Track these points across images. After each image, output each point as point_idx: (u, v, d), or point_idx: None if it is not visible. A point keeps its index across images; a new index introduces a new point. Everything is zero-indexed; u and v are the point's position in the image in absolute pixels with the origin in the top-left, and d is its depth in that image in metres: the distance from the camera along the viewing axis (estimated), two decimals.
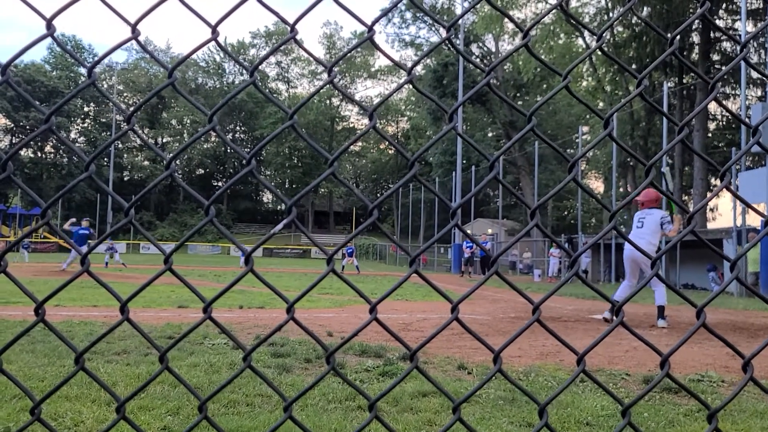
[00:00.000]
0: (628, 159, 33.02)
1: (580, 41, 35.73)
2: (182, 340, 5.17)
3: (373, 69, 74.74)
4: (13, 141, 61.99)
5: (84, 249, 18.88)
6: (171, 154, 0.95)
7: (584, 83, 36.31)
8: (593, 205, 50.81)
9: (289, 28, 0.95)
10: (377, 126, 0.98)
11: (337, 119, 76.54)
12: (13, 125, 61.74)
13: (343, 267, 28.66)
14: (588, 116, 40.68)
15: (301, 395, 1.07)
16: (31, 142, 61.96)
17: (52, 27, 0.88)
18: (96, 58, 1.07)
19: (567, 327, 9.20)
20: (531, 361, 6.15)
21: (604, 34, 0.99)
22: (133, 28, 0.87)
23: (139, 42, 0.88)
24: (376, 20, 0.94)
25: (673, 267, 22.18)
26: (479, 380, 5.22)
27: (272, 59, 75.52)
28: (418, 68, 60.15)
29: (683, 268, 22.05)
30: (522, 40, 0.98)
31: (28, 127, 59.55)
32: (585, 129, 37.69)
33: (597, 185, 56.80)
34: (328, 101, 74.54)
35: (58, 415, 3.86)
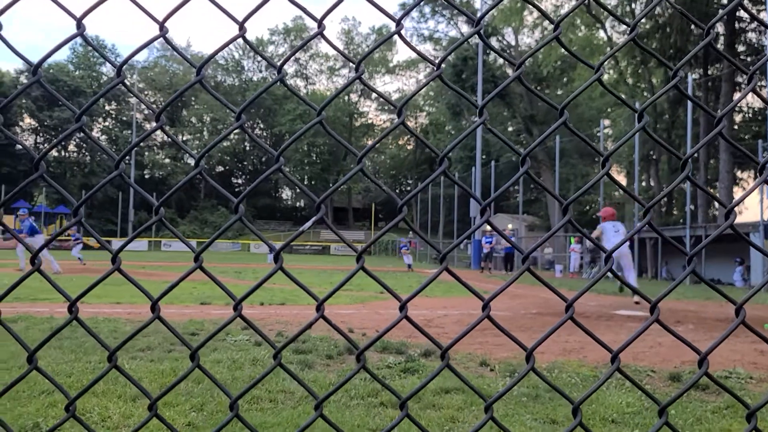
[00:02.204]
0: (651, 153, 32.59)
1: (601, 33, 35.30)
2: (174, 332, 5.20)
3: (391, 64, 74.70)
4: (38, 140, 63.03)
5: (37, 240, 16.07)
6: (198, 153, 0.94)
7: (605, 76, 35.89)
8: (615, 200, 50.26)
9: (316, 24, 0.94)
10: (405, 122, 0.96)
11: (355, 115, 76.61)
12: (37, 125, 62.73)
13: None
14: (609, 110, 40.17)
15: (332, 393, 1.06)
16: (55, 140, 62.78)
17: (82, 26, 0.87)
18: (119, 58, 1.07)
19: (590, 323, 9.11)
20: (553, 358, 6.10)
21: (637, 26, 0.97)
22: (161, 25, 0.86)
23: (167, 40, 0.88)
24: (405, 14, 0.92)
25: (699, 263, 21.86)
26: (502, 377, 5.19)
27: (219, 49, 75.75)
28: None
29: (709, 263, 21.73)
30: (554, 32, 0.96)
31: (52, 126, 60.45)
32: (606, 122, 37.26)
33: (619, 179, 56.13)
34: (346, 97, 74.62)
35: (86, 411, 3.91)
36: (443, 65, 0.91)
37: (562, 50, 38.05)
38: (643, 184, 35.08)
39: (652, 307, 0.95)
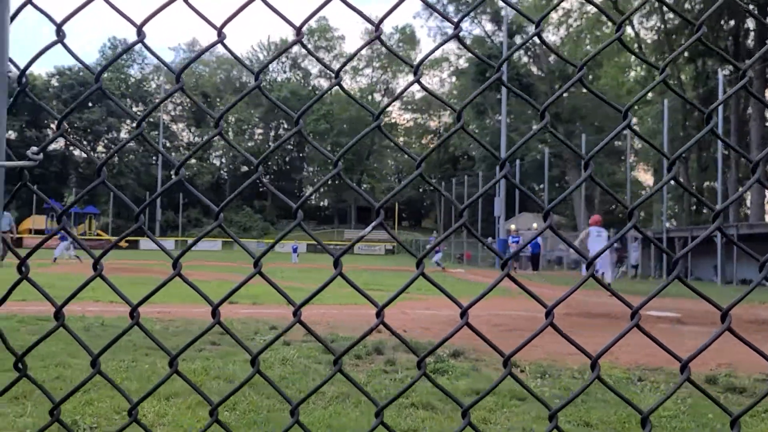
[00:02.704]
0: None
1: (628, 30, 34.78)
2: (234, 336, 5.22)
3: (414, 63, 74.57)
4: (67, 142, 64.29)
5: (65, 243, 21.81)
6: (223, 153, 0.94)
7: (632, 73, 35.36)
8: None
9: (338, 26, 0.93)
10: (419, 121, 0.95)
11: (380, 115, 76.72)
12: (68, 126, 63.94)
13: (437, 263, 28.47)
14: (637, 107, 39.58)
15: (392, 402, 1.05)
16: (84, 143, 64.03)
17: (142, 33, 0.88)
18: (146, 60, 1.07)
19: (618, 324, 8.98)
20: (584, 360, 6.02)
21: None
22: (219, 31, 0.86)
23: (225, 46, 0.88)
24: (465, 15, 0.91)
25: (729, 262, 21.45)
26: (533, 378, 5.14)
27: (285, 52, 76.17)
28: (461, 61, 59.59)
29: (741, 264, 21.31)
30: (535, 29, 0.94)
31: (81, 128, 61.53)
32: (634, 120, 36.71)
33: (646, 177, 55.38)
34: (369, 96, 74.72)
35: (121, 409, 3.97)
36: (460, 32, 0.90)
37: (589, 47, 37.58)
38: (672, 182, 34.49)
39: (724, 314, 0.93)
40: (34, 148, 0.83)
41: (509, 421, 3.90)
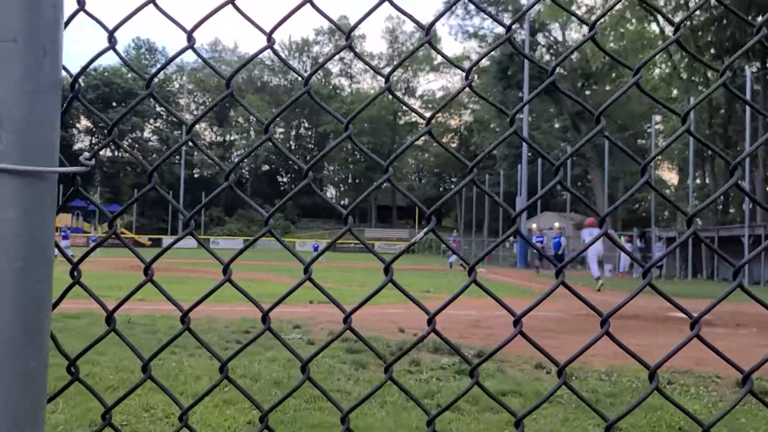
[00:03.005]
0: (706, 149, 31.53)
1: (653, 26, 34.30)
2: (261, 336, 5.22)
3: (435, 62, 74.33)
4: (92, 141, 65.18)
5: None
6: (245, 154, 0.95)
7: (657, 71, 34.83)
8: (667, 198, 48.80)
9: (357, 27, 0.92)
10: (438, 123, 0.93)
11: (399, 114, 76.64)
12: (92, 126, 64.89)
13: (451, 264, 28.34)
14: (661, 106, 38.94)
15: (450, 404, 1.04)
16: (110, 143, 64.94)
17: (192, 39, 0.88)
18: (167, 62, 1.07)
19: (645, 325, 8.87)
20: (610, 361, 5.96)
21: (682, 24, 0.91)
22: (268, 36, 0.86)
23: (275, 51, 0.88)
24: (519, 17, 0.89)
25: (757, 263, 21.04)
26: (558, 380, 5.09)
27: (336, 55, 76.33)
28: (484, 60, 59.27)
29: None
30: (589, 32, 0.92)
31: (106, 127, 62.25)
32: (658, 119, 36.22)
33: (671, 176, 54.63)
34: (390, 95, 74.67)
35: (150, 407, 4.01)
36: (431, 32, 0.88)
37: (612, 44, 37.10)
38: (698, 181, 33.95)
39: (693, 322, 0.91)
40: (87, 154, 0.84)
41: (537, 423, 3.87)
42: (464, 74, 0.91)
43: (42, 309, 0.77)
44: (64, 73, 0.84)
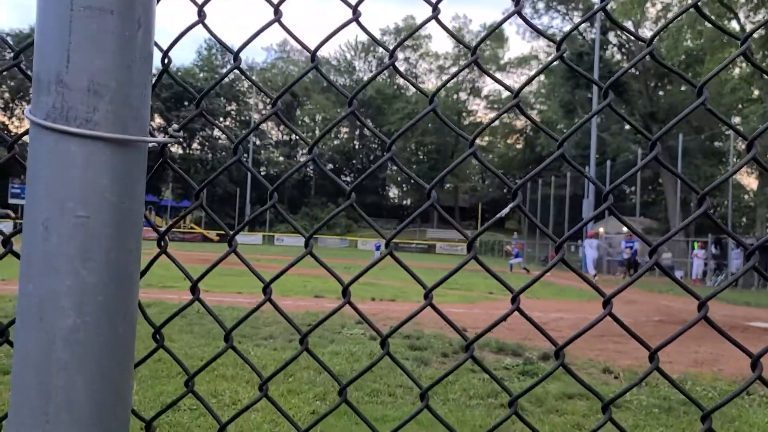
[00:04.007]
0: None
1: (734, 24, 32.66)
2: (322, 327, 5.30)
3: (502, 61, 73.35)
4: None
5: None
6: (315, 151, 0.95)
7: (737, 70, 33.13)
8: (744, 203, 46.42)
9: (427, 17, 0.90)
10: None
11: (464, 113, 76.05)
12: (165, 124, 67.53)
13: (511, 266, 28.01)
14: (741, 106, 37.09)
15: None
16: (181, 139, 67.39)
17: (316, 59, 0.91)
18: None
19: (716, 334, 8.45)
20: (684, 369, 5.71)
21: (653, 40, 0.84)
22: (313, 55, 0.86)
23: (320, 71, 0.88)
24: (572, 30, 0.85)
25: None
26: (627, 384, 4.91)
27: (400, 55, 76.54)
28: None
29: None
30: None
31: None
32: (737, 120, 34.47)
33: (749, 181, 51.89)
34: (455, 95, 74.23)
35: (217, 393, 4.12)
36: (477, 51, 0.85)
37: (689, 43, 35.61)
38: None
39: (700, 303, 0.84)
40: (175, 126, 0.86)
41: (604, 429, 3.74)
42: (470, 51, 0.88)
43: (131, 276, 0.79)
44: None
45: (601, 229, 30.81)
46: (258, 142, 71.61)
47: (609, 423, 3.18)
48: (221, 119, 72.00)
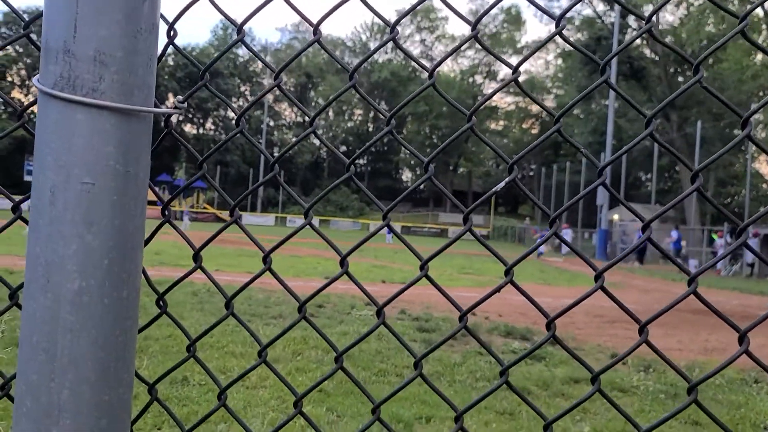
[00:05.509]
0: None
1: (758, 10, 32.03)
2: (332, 308, 5.36)
3: (519, 45, 72.56)
4: (179, 119, 68.12)
5: None
6: (326, 130, 0.96)
7: (759, 56, 32.54)
8: (762, 192, 45.85)
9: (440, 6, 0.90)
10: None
11: (479, 97, 75.55)
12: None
13: (539, 254, 27.83)
14: (762, 93, 36.47)
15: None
16: (195, 120, 67.63)
17: (318, 32, 0.92)
18: (254, 42, 1.09)
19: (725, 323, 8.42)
20: (693, 356, 5.71)
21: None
22: (315, 28, 0.86)
23: (323, 45, 0.89)
24: (567, 9, 0.85)
25: None
26: (635, 371, 4.93)
27: (417, 37, 76.02)
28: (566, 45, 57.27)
29: None
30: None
31: (192, 105, 64.86)
32: (758, 116, 33.92)
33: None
34: (471, 79, 73.72)
35: (226, 369, 4.18)
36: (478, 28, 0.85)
37: (710, 29, 35.00)
38: None
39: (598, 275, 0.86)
40: (180, 97, 0.87)
41: (609, 412, 3.76)
42: (471, 26, 0.89)
43: (136, 242, 0.80)
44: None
45: (616, 216, 30.63)
46: (272, 123, 71.66)
47: (613, 409, 3.16)
48: (234, 99, 72.10)
